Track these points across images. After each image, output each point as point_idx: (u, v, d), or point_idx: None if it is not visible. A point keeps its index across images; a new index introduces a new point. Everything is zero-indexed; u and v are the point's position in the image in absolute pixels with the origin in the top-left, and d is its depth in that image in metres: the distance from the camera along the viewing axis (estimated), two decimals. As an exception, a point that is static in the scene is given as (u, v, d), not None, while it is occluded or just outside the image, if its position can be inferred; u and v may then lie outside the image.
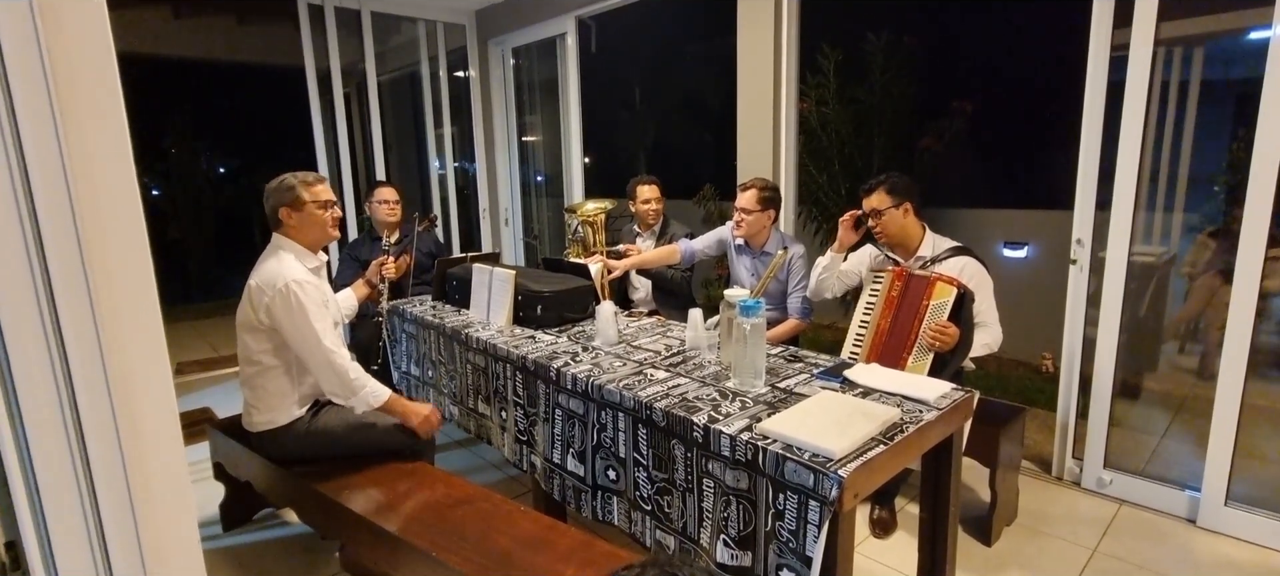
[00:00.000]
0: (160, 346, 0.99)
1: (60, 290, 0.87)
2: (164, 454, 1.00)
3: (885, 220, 2.29)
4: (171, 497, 1.02)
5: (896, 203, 2.27)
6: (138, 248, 0.95)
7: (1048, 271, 3.64)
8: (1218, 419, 2.23)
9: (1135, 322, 2.76)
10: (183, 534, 1.05)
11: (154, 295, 0.98)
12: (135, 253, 0.95)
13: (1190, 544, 2.23)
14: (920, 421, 1.51)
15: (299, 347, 1.96)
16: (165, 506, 1.01)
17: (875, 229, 2.33)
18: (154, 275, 0.98)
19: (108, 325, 0.91)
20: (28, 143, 0.83)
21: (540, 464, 2.05)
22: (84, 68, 0.88)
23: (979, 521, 2.30)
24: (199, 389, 3.91)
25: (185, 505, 1.05)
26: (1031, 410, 2.95)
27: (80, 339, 0.89)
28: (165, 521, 1.01)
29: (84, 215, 0.88)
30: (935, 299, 2.08)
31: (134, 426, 0.95)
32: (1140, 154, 2.31)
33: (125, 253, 0.94)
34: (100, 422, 0.92)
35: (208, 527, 2.46)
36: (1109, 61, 2.35)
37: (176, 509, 1.03)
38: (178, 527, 1.04)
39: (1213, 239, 3.06)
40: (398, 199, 3.30)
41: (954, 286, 2.06)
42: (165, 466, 1.01)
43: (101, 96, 0.90)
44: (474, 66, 4.88)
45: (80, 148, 0.88)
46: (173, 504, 1.02)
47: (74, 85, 0.87)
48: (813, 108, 3.77)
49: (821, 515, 1.30)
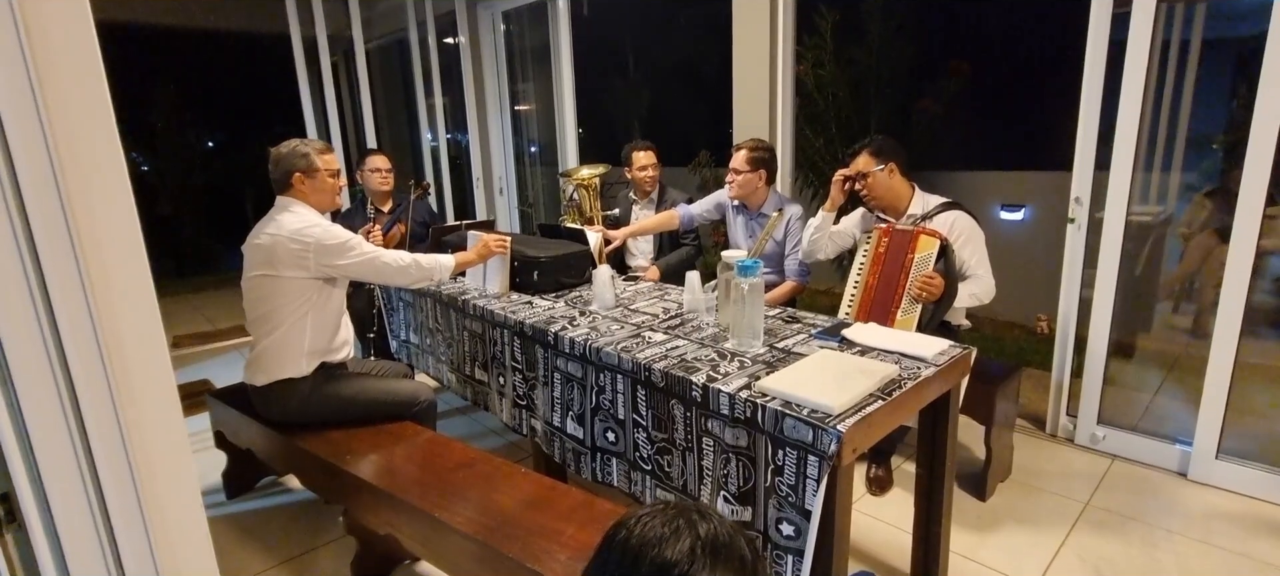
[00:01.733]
0: (154, 314, 0.98)
1: (49, 266, 0.85)
2: (163, 421, 1.00)
3: (871, 182, 2.31)
4: (172, 463, 1.02)
5: (881, 164, 2.28)
6: (126, 215, 0.93)
7: (1044, 233, 3.64)
8: (1211, 374, 2.25)
9: (1131, 282, 2.77)
10: (185, 499, 1.05)
11: (144, 262, 0.96)
12: (123, 220, 0.93)
13: (1181, 496, 2.27)
14: (918, 378, 1.52)
15: (361, 274, 2.08)
16: (166, 471, 1.01)
17: (862, 192, 2.35)
18: (143, 241, 0.96)
19: (99, 295, 0.90)
20: (8, 117, 0.81)
21: (540, 427, 2.06)
22: (63, 37, 0.85)
23: (974, 478, 2.33)
24: (197, 361, 3.91)
25: (186, 469, 1.05)
26: (1026, 369, 2.98)
27: (72, 312, 0.88)
28: (167, 485, 1.01)
29: (70, 185, 0.86)
30: (919, 251, 2.12)
31: (131, 394, 0.95)
32: (1140, 114, 2.30)
33: (114, 222, 0.92)
34: (96, 395, 0.91)
35: (211, 496, 2.47)
36: (1111, 19, 2.31)
37: (178, 473, 1.03)
38: (180, 492, 1.04)
39: (1210, 198, 3.06)
40: (390, 167, 3.25)
41: (937, 238, 2.10)
42: (165, 434, 1.01)
43: (82, 65, 0.87)
44: (464, 33, 4.78)
45: (63, 120, 0.85)
46: (174, 468, 1.02)
47: (53, 54, 0.84)
48: (809, 70, 3.71)
49: (820, 469, 1.31)
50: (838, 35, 3.72)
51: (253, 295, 2.03)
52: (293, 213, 2.02)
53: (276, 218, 2.01)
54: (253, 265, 2.01)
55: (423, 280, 2.18)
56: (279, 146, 2.07)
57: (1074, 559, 1.96)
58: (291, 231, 1.97)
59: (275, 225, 1.99)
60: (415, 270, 2.14)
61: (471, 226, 2.77)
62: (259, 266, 1.99)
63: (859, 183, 2.34)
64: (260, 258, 1.98)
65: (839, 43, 3.73)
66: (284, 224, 1.98)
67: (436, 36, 4.73)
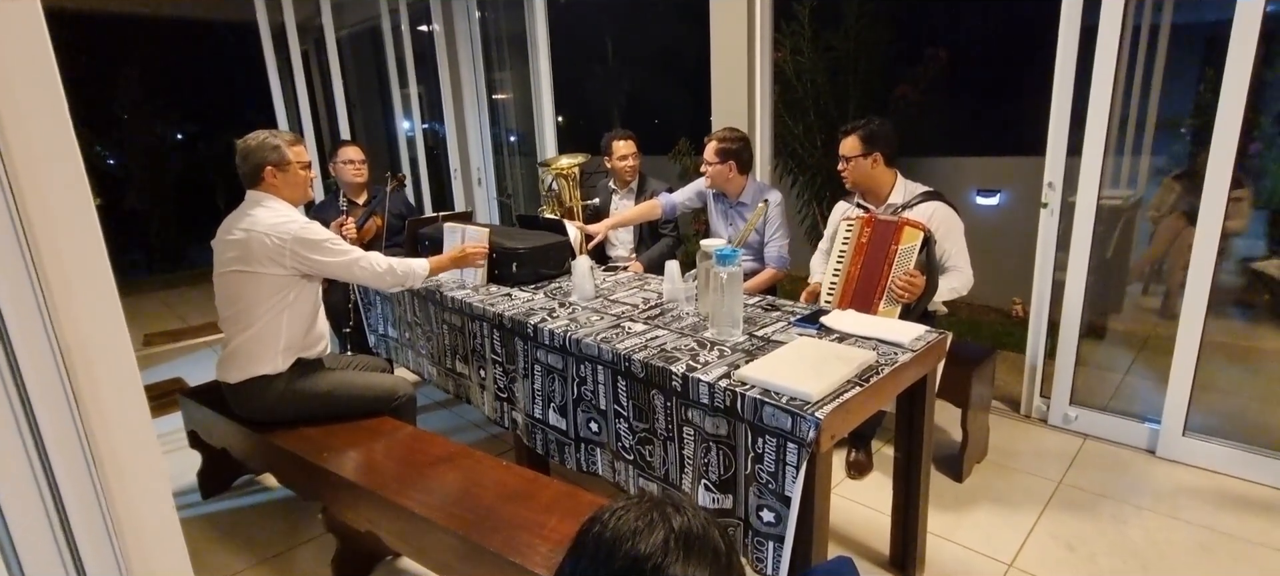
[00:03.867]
0: (116, 313, 0.95)
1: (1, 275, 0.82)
2: (129, 423, 0.97)
3: (851, 166, 2.30)
4: (141, 466, 0.99)
5: (866, 152, 2.27)
6: (82, 208, 0.90)
7: (1019, 219, 3.69)
8: (1178, 354, 2.31)
9: (1102, 265, 2.83)
10: (156, 501, 1.03)
11: (104, 256, 0.93)
12: (79, 213, 0.90)
13: (1149, 472, 2.33)
14: (895, 363, 1.53)
15: (337, 274, 2.05)
16: (136, 475, 0.98)
17: (842, 172, 2.35)
18: (103, 239, 0.93)
19: (56, 294, 0.87)
20: None
21: (521, 419, 2.05)
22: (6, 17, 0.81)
23: (951, 460, 2.37)
24: (168, 360, 3.83)
25: (156, 472, 1.02)
26: (1002, 353, 3.03)
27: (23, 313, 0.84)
28: (137, 490, 0.98)
29: (21, 182, 0.83)
30: (903, 243, 2.10)
31: (94, 397, 0.92)
32: (1111, 98, 2.33)
33: (70, 217, 0.88)
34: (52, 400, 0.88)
35: (186, 497, 2.43)
36: (1082, 3, 2.34)
37: (148, 477, 1.01)
38: (150, 495, 1.01)
39: (1177, 182, 3.12)
40: (363, 159, 3.20)
41: (920, 231, 2.09)
42: (132, 436, 0.98)
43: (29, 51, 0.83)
44: (438, 20, 4.70)
45: (10, 110, 0.81)
46: (143, 472, 1.00)
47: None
48: (788, 57, 3.71)
49: (800, 456, 1.32)
50: (815, 21, 3.71)
51: (226, 292, 1.99)
52: (267, 207, 1.97)
53: (250, 212, 1.96)
54: (225, 261, 1.96)
55: (396, 286, 2.16)
56: (247, 138, 2.01)
57: (1047, 536, 2.01)
58: (267, 226, 1.92)
59: (250, 220, 1.94)
60: (390, 276, 2.11)
61: (449, 218, 2.73)
62: (232, 262, 1.94)
63: (841, 164, 2.33)
64: (233, 253, 1.93)
65: (816, 29, 3.72)
66: (259, 219, 1.94)
67: (410, 24, 4.64)
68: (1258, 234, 2.88)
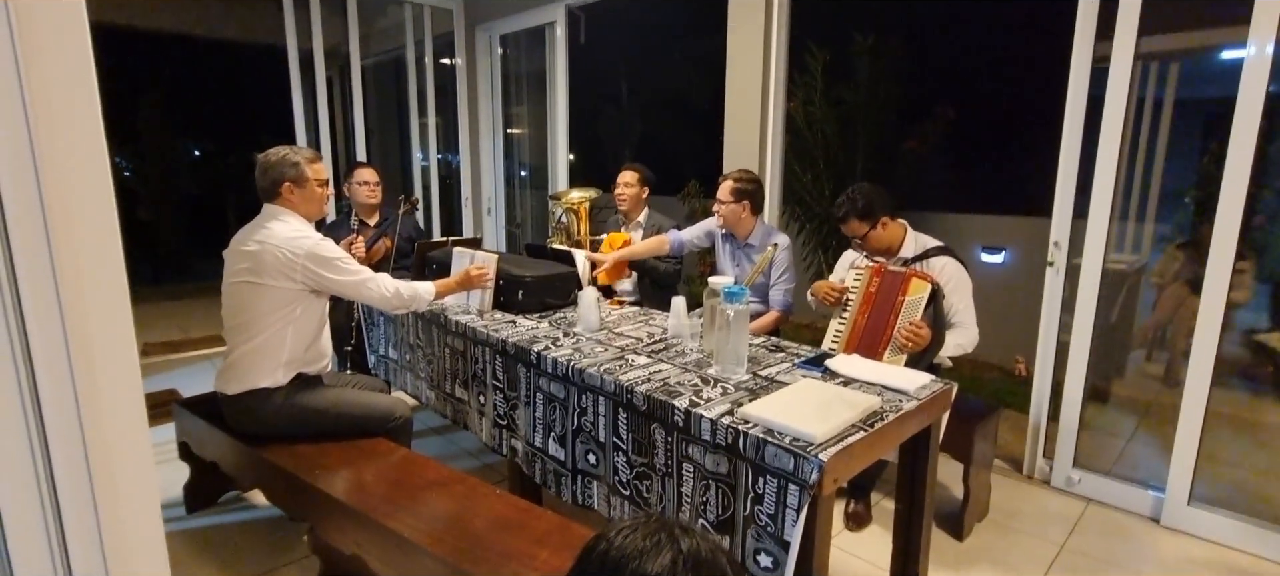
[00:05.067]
0: (126, 319, 0.95)
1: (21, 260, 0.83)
2: (127, 428, 0.96)
3: (869, 240, 2.32)
4: (134, 472, 0.98)
5: (872, 223, 2.28)
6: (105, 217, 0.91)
7: (1023, 277, 3.71)
8: (1183, 422, 2.29)
9: (1106, 329, 2.82)
10: (144, 511, 1.01)
11: (121, 265, 0.94)
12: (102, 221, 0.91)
13: (1154, 541, 2.28)
14: (900, 410, 1.52)
15: (347, 292, 2.07)
16: (127, 480, 0.97)
17: (861, 250, 2.38)
18: (121, 246, 0.94)
19: (71, 295, 0.87)
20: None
21: (521, 447, 2.03)
22: (53, 34, 0.84)
23: (952, 517, 2.33)
24: (165, 371, 3.81)
25: (148, 480, 1.01)
26: (1004, 411, 3.00)
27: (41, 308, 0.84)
28: (127, 495, 0.97)
29: (50, 187, 0.84)
30: (910, 294, 2.10)
31: (96, 398, 0.91)
32: (1117, 165, 2.37)
33: (92, 224, 0.89)
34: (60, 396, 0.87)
35: (170, 509, 2.38)
36: (1090, 73, 2.40)
37: (139, 483, 0.99)
38: (140, 503, 1.00)
39: (1181, 250, 3.14)
40: (378, 180, 3.24)
41: (928, 283, 2.09)
42: (128, 442, 0.97)
43: (72, 65, 0.86)
44: (461, 54, 4.82)
45: (47, 118, 0.83)
46: (135, 478, 0.98)
47: (42, 53, 0.83)
48: (799, 107, 3.79)
49: (801, 499, 1.30)
50: (828, 74, 3.81)
51: (233, 301, 1.99)
52: (283, 221, 2.00)
53: (266, 225, 1.98)
54: (236, 271, 1.97)
55: (401, 308, 2.17)
56: (268, 153, 2.04)
57: (1050, 602, 1.95)
58: (282, 240, 1.94)
59: (265, 232, 1.96)
60: (396, 299, 2.12)
61: (458, 243, 2.75)
62: (243, 273, 1.95)
63: (858, 244, 2.36)
64: (245, 264, 1.95)
65: (829, 82, 3.82)
66: (274, 232, 1.96)
67: (433, 56, 4.76)
68: (1261, 306, 2.88)
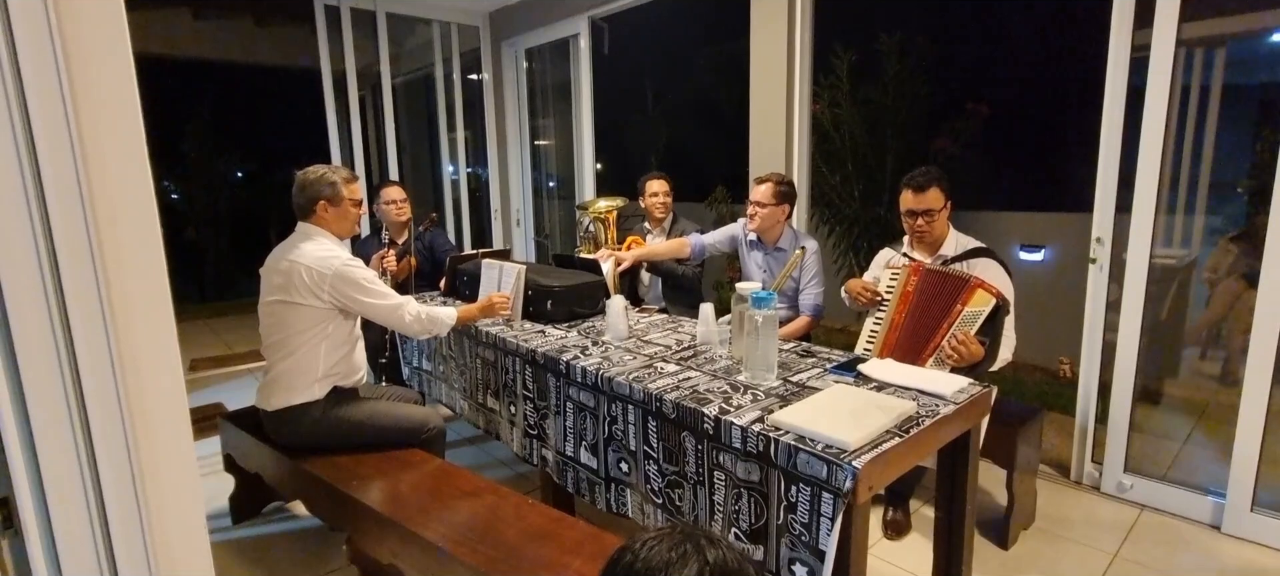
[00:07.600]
0: (171, 335, 0.99)
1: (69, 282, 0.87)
2: (172, 440, 1.00)
3: (936, 221, 2.18)
4: (178, 483, 1.01)
5: (946, 202, 2.17)
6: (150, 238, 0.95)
7: (1065, 275, 3.58)
8: (1243, 423, 2.17)
9: (1156, 326, 2.71)
10: (189, 520, 1.04)
11: (165, 283, 0.97)
12: (147, 242, 0.94)
13: (1215, 550, 2.17)
14: (936, 415, 1.48)
15: (372, 315, 2.11)
16: (173, 491, 1.00)
17: (920, 229, 2.20)
18: (165, 263, 0.97)
19: (119, 313, 0.91)
20: (41, 138, 0.83)
21: (552, 457, 2.04)
22: (100, 66, 0.88)
23: (995, 524, 2.25)
24: (212, 385, 3.94)
25: (192, 490, 1.04)
26: (1048, 413, 2.90)
27: (88, 328, 0.88)
28: (172, 505, 1.00)
29: (97, 208, 0.88)
30: (971, 305, 1.92)
31: (142, 412, 0.95)
32: (1161, 157, 2.27)
33: (137, 242, 0.93)
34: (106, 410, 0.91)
35: (217, 520, 2.46)
36: (1129, 63, 2.31)
37: (183, 493, 1.02)
38: (184, 513, 1.03)
39: (1235, 243, 3.00)
40: (405, 198, 3.31)
41: (993, 296, 1.91)
42: (173, 453, 1.00)
43: (117, 94, 0.90)
44: (487, 69, 4.91)
45: (94, 144, 0.87)
46: (179, 488, 1.01)
47: (89, 83, 0.87)
48: (825, 109, 3.75)
49: (835, 507, 1.27)
50: (854, 75, 3.76)
51: (269, 320, 2.05)
52: (314, 241, 2.05)
53: (299, 244, 2.04)
54: (270, 290, 2.03)
55: (423, 333, 2.21)
56: (305, 171, 2.10)
57: (1103, 613, 1.87)
58: (312, 259, 1.99)
59: (296, 252, 2.01)
60: (417, 326, 2.16)
61: (487, 255, 2.79)
62: (276, 291, 2.01)
63: (923, 219, 2.18)
64: (277, 282, 2.01)
65: (855, 82, 3.76)
66: (305, 251, 2.01)
67: (461, 72, 4.86)
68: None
